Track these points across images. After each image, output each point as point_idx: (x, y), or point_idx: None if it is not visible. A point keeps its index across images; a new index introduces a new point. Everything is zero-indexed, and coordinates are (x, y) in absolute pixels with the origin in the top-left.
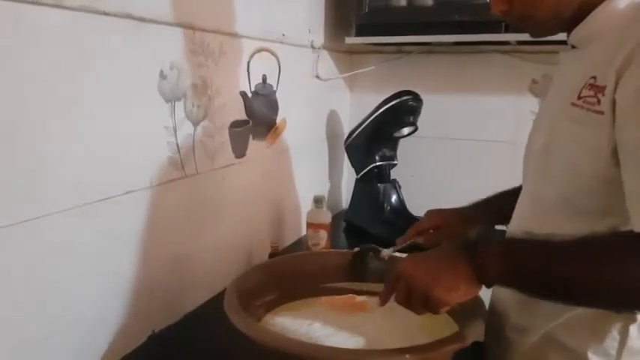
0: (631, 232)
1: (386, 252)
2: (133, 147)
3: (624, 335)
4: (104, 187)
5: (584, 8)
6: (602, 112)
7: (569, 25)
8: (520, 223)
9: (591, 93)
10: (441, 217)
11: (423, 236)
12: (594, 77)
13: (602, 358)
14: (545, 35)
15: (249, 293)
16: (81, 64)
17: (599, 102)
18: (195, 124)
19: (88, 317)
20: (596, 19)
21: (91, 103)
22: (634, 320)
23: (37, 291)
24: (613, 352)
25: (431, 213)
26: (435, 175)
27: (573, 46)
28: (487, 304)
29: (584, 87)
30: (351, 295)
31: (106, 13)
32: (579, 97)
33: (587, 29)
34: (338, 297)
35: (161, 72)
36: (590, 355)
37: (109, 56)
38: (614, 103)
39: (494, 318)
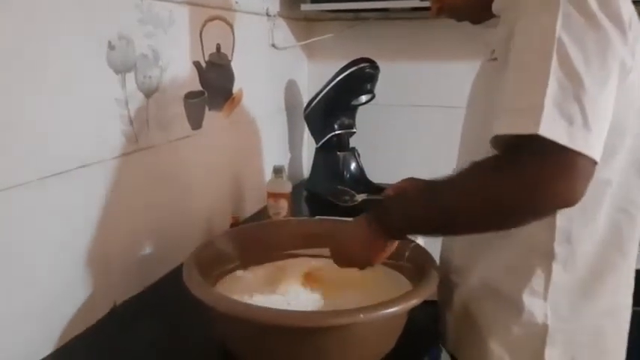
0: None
1: (360, 196)
2: (83, 120)
3: (548, 272)
4: (56, 162)
5: None
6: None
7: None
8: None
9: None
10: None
11: None
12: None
13: (533, 297)
14: (482, 19)
15: (209, 263)
16: (26, 34)
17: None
18: (148, 95)
19: (49, 292)
20: None
21: (37, 76)
22: (553, 257)
23: None
24: (540, 289)
25: (406, 179)
26: (394, 143)
27: None
28: None
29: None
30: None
31: None
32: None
33: (498, 1)
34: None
35: (109, 43)
36: (523, 297)
37: (55, 27)
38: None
39: (442, 266)
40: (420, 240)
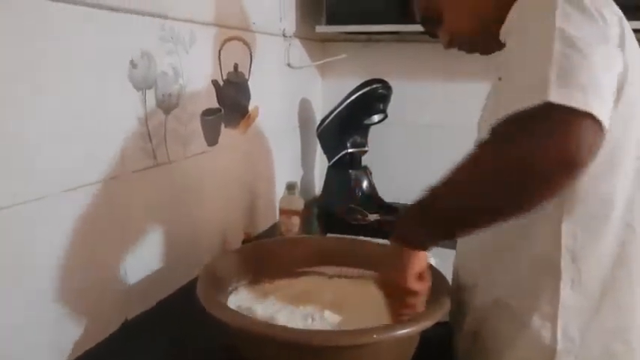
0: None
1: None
2: (104, 135)
3: (556, 292)
4: (74, 176)
5: (502, 8)
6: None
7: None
8: None
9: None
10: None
11: None
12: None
13: (542, 317)
14: (492, 50)
15: (221, 279)
16: (51, 53)
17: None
18: (167, 112)
19: (61, 306)
20: (510, 17)
21: (61, 92)
22: (560, 276)
23: (8, 280)
24: (549, 309)
25: None
26: (406, 162)
27: None
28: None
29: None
30: None
31: (75, 3)
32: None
33: (504, 28)
34: None
35: (132, 61)
36: (532, 317)
37: (80, 46)
38: None
39: (454, 285)
40: (432, 260)
